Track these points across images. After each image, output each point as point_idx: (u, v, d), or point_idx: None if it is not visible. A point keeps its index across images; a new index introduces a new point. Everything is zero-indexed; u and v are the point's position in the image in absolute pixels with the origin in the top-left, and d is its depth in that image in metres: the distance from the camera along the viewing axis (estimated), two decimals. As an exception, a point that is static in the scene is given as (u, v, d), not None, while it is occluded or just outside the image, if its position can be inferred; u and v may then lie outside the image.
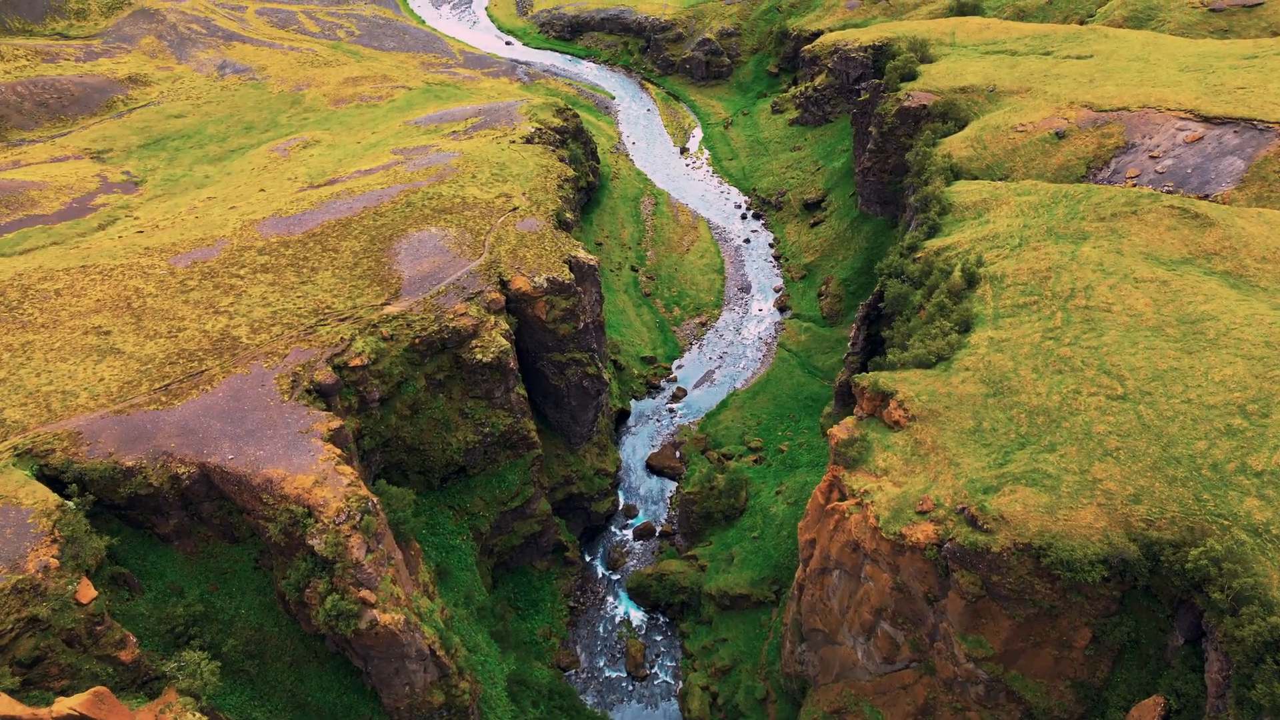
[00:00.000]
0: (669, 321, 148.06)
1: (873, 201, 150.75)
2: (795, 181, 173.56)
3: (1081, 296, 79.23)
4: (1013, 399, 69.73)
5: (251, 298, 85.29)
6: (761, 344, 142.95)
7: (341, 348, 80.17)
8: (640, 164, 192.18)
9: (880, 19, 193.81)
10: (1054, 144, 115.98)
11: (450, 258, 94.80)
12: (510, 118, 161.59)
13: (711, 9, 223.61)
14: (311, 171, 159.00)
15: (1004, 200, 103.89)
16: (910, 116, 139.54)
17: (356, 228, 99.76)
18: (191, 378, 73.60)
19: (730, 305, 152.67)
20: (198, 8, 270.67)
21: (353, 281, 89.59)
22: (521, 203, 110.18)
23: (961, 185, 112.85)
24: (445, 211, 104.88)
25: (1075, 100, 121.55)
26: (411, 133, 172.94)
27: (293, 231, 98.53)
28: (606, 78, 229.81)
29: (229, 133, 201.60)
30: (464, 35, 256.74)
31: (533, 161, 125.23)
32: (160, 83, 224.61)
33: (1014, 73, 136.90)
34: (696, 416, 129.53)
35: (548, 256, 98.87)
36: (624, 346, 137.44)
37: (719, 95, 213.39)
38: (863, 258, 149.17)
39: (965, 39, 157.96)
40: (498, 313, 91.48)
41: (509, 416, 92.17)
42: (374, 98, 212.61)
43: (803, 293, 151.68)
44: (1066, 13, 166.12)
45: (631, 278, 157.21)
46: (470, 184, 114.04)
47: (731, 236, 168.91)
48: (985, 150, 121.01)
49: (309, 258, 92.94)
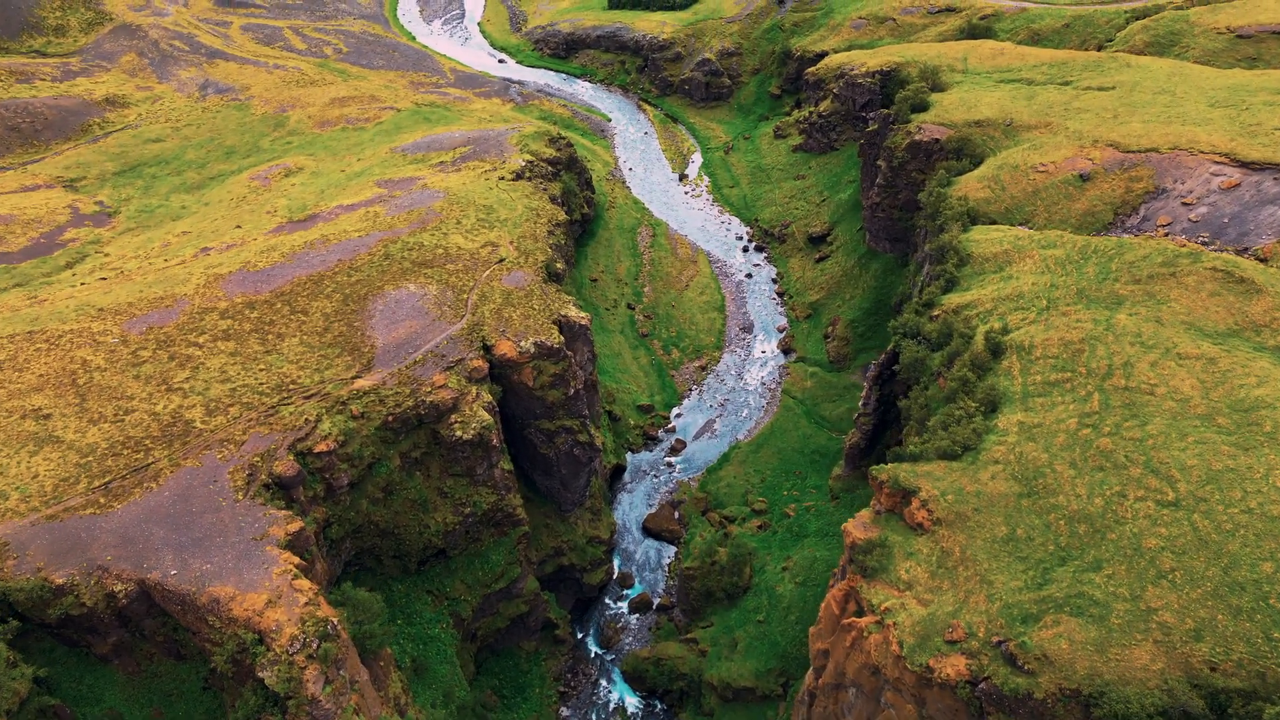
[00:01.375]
0: (667, 365, 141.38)
1: (881, 238, 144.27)
2: (799, 213, 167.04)
3: (1120, 375, 72.56)
4: (1049, 501, 63.00)
5: (209, 371, 78.53)
6: (765, 390, 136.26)
7: (306, 431, 73.40)
8: (638, 192, 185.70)
9: (887, 40, 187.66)
10: (1078, 187, 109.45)
11: (429, 320, 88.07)
12: (500, 148, 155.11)
13: (711, 27, 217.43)
14: (292, 204, 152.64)
15: (1027, 253, 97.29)
16: (922, 151, 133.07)
17: (329, 285, 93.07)
18: (135, 473, 66.80)
19: (732, 347, 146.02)
20: (181, 23, 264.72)
21: (321, 350, 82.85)
22: (509, 253, 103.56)
23: (980, 233, 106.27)
24: (426, 265, 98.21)
25: (1099, 138, 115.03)
26: (397, 161, 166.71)
27: (260, 290, 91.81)
28: (603, 98, 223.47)
29: (209, 158, 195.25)
30: (456, 53, 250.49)
31: (521, 204, 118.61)
32: (139, 104, 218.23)
33: (1032, 105, 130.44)
34: (696, 472, 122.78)
35: (536, 316, 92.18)
36: (619, 394, 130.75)
37: (719, 118, 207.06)
38: (871, 297, 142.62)
39: (978, 65, 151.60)
40: (480, 381, 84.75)
41: (492, 494, 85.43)
42: (361, 120, 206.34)
43: (808, 334, 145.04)
44: (1084, 36, 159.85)
45: (628, 316, 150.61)
46: (454, 231, 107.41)
47: (733, 271, 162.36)
48: (1004, 192, 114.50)
49: (275, 322, 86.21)
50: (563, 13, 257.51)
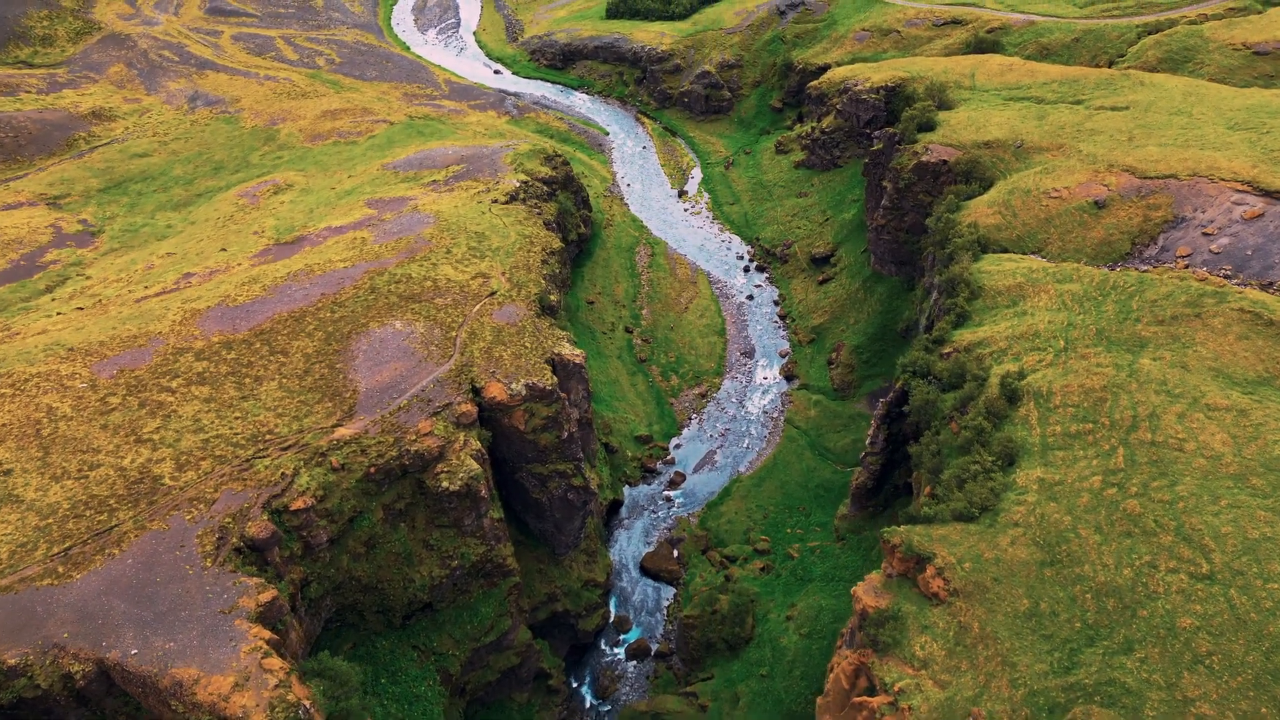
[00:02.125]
0: (666, 392, 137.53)
1: (887, 261, 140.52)
2: (802, 232, 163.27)
3: (1145, 428, 68.74)
4: (1074, 570, 59.13)
5: (182, 420, 74.66)
6: (767, 419, 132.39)
7: (282, 486, 69.53)
8: (636, 209, 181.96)
9: (892, 53, 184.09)
10: (1093, 214, 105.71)
11: (415, 361, 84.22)
12: (494, 168, 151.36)
13: (711, 39, 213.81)
14: (280, 225, 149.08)
15: (1042, 287, 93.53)
16: (929, 173, 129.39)
17: (311, 322, 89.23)
18: (98, 537, 62.90)
19: (732, 373, 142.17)
20: (171, 32, 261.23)
21: (301, 395, 78.98)
22: (500, 285, 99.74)
23: (992, 263, 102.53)
24: (413, 299, 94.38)
25: (1115, 163, 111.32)
26: (389, 179, 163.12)
27: (238, 328, 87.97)
28: (600, 110, 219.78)
29: (196, 174, 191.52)
30: (450, 63, 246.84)
31: (514, 230, 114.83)
32: (126, 117, 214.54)
33: (1043, 126, 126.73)
34: (696, 507, 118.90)
35: (528, 355, 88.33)
36: (616, 425, 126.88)
37: (719, 131, 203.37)
38: (877, 322, 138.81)
39: (986, 82, 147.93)
40: (468, 427, 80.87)
41: (481, 545, 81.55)
42: (353, 133, 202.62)
43: (811, 359, 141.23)
44: (1094, 51, 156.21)
45: (625, 341, 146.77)
46: (444, 261, 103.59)
47: (733, 292, 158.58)
48: (1015, 218, 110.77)
49: (254, 363, 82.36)
50: (560, 22, 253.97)
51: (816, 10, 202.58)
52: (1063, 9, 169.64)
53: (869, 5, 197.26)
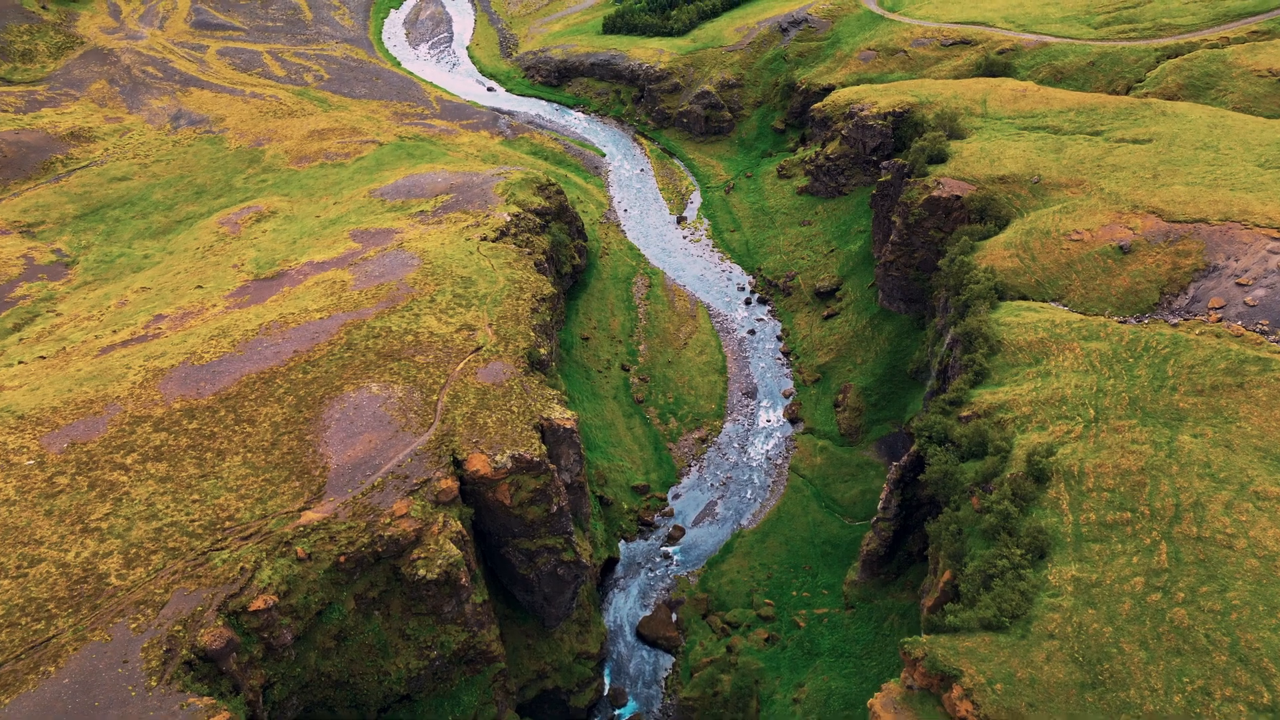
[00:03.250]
0: (664, 437, 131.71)
1: (896, 297, 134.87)
2: (805, 263, 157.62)
3: (1190, 519, 63.01)
4: (1119, 695, 53.31)
5: (134, 504, 68.83)
6: (771, 466, 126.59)
7: (241, 583, 63.72)
8: (633, 236, 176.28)
9: (898, 74, 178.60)
10: (1117, 260, 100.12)
11: (392, 432, 78.42)
12: (484, 198, 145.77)
13: (711, 57, 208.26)
14: (260, 257, 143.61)
15: (1066, 344, 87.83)
16: (940, 208, 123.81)
17: (282, 385, 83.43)
18: (33, 651, 57.06)
19: (734, 415, 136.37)
20: (155, 47, 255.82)
21: (267, 473, 73.16)
22: (487, 338, 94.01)
23: (1010, 313, 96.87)
24: (392, 357, 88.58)
25: (1139, 203, 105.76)
26: (375, 208, 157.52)
27: (203, 392, 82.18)
28: (597, 131, 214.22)
29: (177, 198, 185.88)
30: (442, 80, 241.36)
31: (503, 275, 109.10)
32: (107, 137, 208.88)
33: (1061, 159, 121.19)
34: (696, 565, 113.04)
35: (514, 422, 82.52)
36: (611, 474, 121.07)
37: (719, 154, 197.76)
38: (885, 362, 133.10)
39: (999, 109, 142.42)
40: (448, 504, 75.06)
41: (463, 632, 75.72)
42: (340, 155, 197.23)
43: (817, 401, 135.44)
44: (1111, 76, 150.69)
45: (622, 380, 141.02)
46: (427, 311, 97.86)
47: (734, 326, 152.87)
48: (1034, 262, 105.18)
49: (217, 435, 76.55)
50: (555, 36, 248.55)
51: (820, 28, 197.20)
52: (1076, 30, 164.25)
53: (874, 24, 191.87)
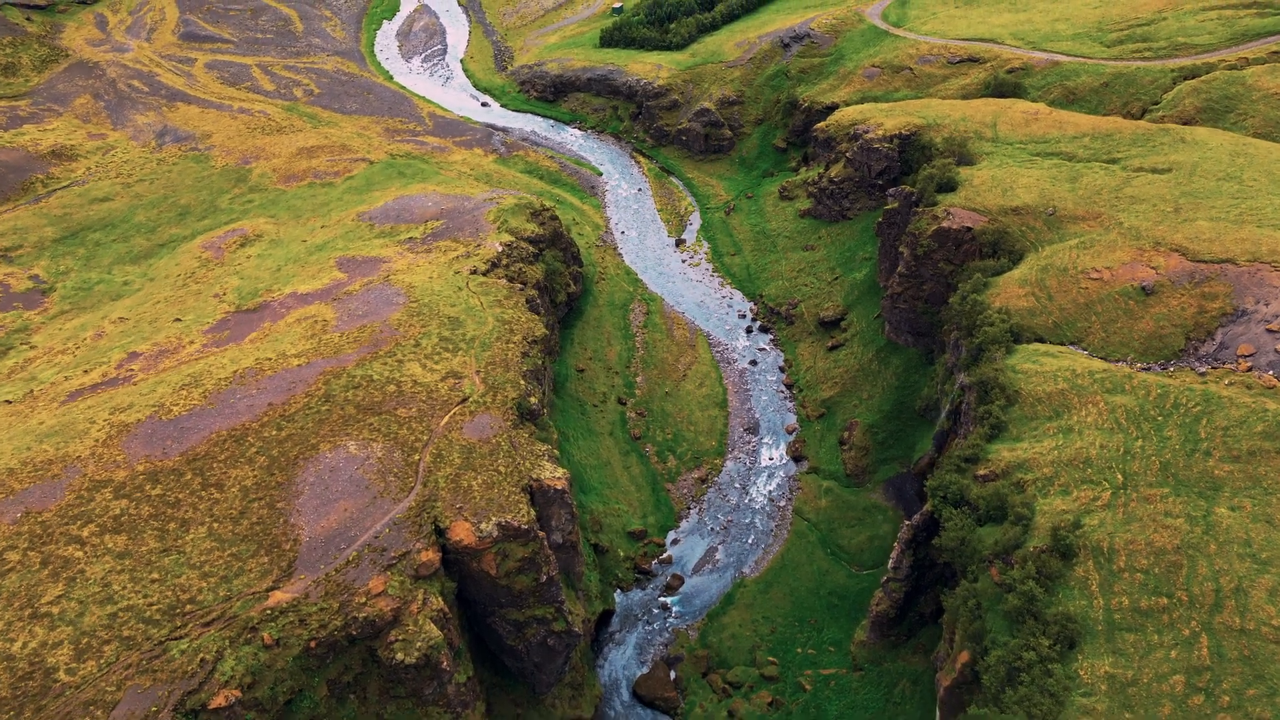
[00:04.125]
0: (662, 476, 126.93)
1: (903, 330, 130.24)
2: (809, 290, 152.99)
3: (1231, 607, 58.28)
4: (1162, 821, 48.59)
5: (88, 585, 64.04)
6: (774, 509, 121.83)
7: (200, 677, 58.91)
8: (630, 259, 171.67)
9: (904, 92, 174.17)
10: (1140, 301, 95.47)
11: (370, 498, 73.64)
12: (476, 226, 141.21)
13: (710, 72, 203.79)
14: (243, 286, 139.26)
15: (1089, 397, 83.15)
16: (950, 240, 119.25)
17: (253, 443, 78.65)
18: (-34, 763, 52.24)
19: (735, 452, 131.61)
20: (142, 60, 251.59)
21: (234, 546, 68.39)
22: (474, 387, 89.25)
23: (1029, 359, 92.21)
24: (373, 410, 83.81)
25: (1161, 240, 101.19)
26: (363, 233, 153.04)
27: (169, 451, 77.42)
28: (593, 148, 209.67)
29: (160, 220, 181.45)
30: (436, 94, 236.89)
31: (492, 315, 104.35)
32: (89, 155, 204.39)
33: (1076, 190, 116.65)
34: (696, 617, 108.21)
35: (501, 484, 77.73)
36: (607, 519, 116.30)
37: (719, 173, 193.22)
38: (892, 398, 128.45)
39: (1009, 133, 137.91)
40: (429, 578, 70.32)
41: (446, 714, 70.86)
42: (330, 174, 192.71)
43: (821, 438, 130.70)
44: (1126, 98, 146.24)
45: (618, 414, 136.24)
46: (411, 356, 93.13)
47: (735, 356, 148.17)
48: (1051, 301, 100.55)
49: (181, 502, 71.77)
50: (551, 50, 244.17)
51: (822, 44, 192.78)
52: (1089, 48, 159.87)
53: (878, 40, 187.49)
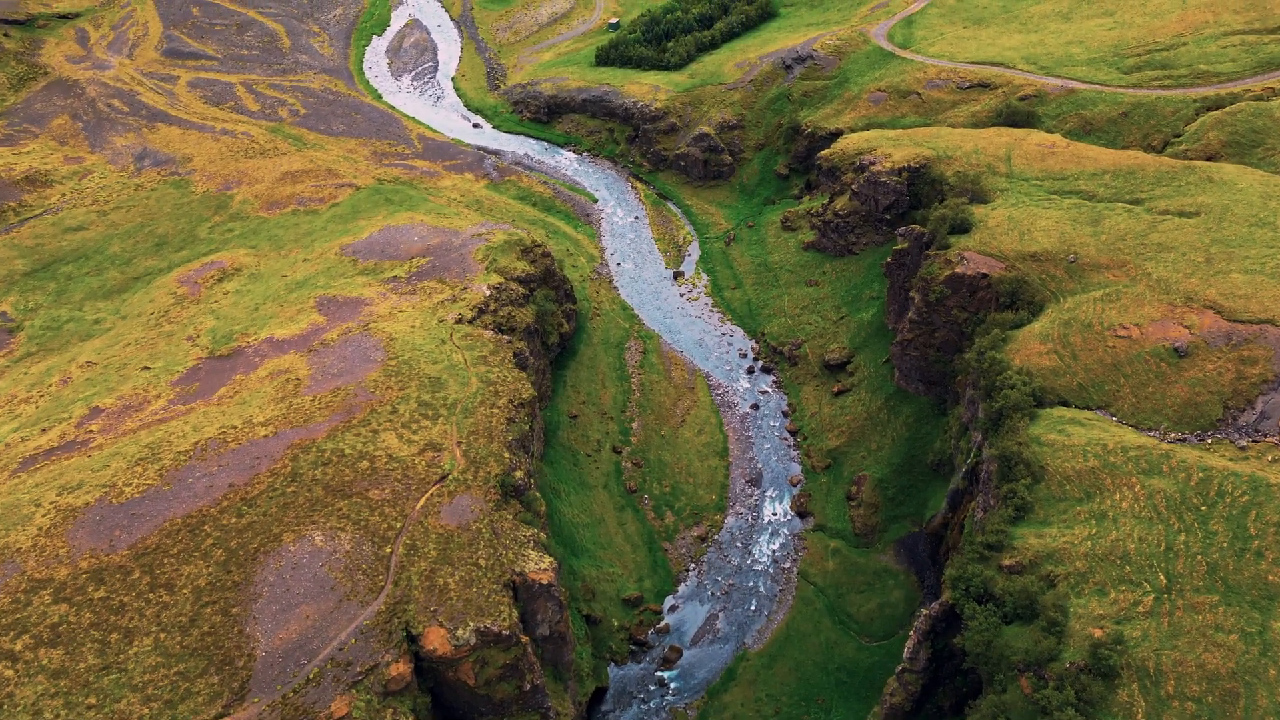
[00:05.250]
0: (660, 534, 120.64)
1: (914, 378, 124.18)
2: (813, 329, 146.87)
3: (1299, 750, 52.05)
4: None
5: (16, 712, 57.61)
6: (778, 571, 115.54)
7: (136, 830, 52.43)
8: (626, 293, 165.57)
9: (911, 118, 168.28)
10: (1172, 364, 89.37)
11: (335, 600, 67.34)
12: (463, 265, 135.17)
13: (710, 94, 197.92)
14: (217, 328, 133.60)
15: (1123, 478, 76.93)
16: (964, 286, 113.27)
17: (210, 533, 72.36)
18: None
19: (736, 506, 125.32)
20: (123, 78, 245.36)
21: (182, 662, 62.06)
22: (454, 462, 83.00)
23: (1054, 428, 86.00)
24: (342, 492, 77.50)
25: (1193, 295, 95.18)
26: (346, 269, 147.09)
27: (117, 544, 71.13)
28: (588, 172, 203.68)
29: (136, 251, 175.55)
30: (426, 114, 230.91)
31: (476, 374, 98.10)
32: (64, 181, 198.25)
33: (1099, 235, 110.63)
34: (695, 695, 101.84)
35: (481, 581, 71.45)
36: (600, 585, 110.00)
37: (719, 200, 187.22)
38: (902, 450, 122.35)
39: (1025, 167, 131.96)
40: (400, 694, 63.97)
41: (419, 842, 64.42)
42: (314, 200, 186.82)
43: (828, 491, 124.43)
44: (1146, 130, 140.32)
45: (613, 464, 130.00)
46: (387, 425, 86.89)
47: (736, 399, 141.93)
48: (1075, 361, 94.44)
49: (127, 607, 65.46)
50: (545, 67, 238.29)
51: (826, 66, 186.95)
52: (1105, 74, 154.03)
53: (884, 62, 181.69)
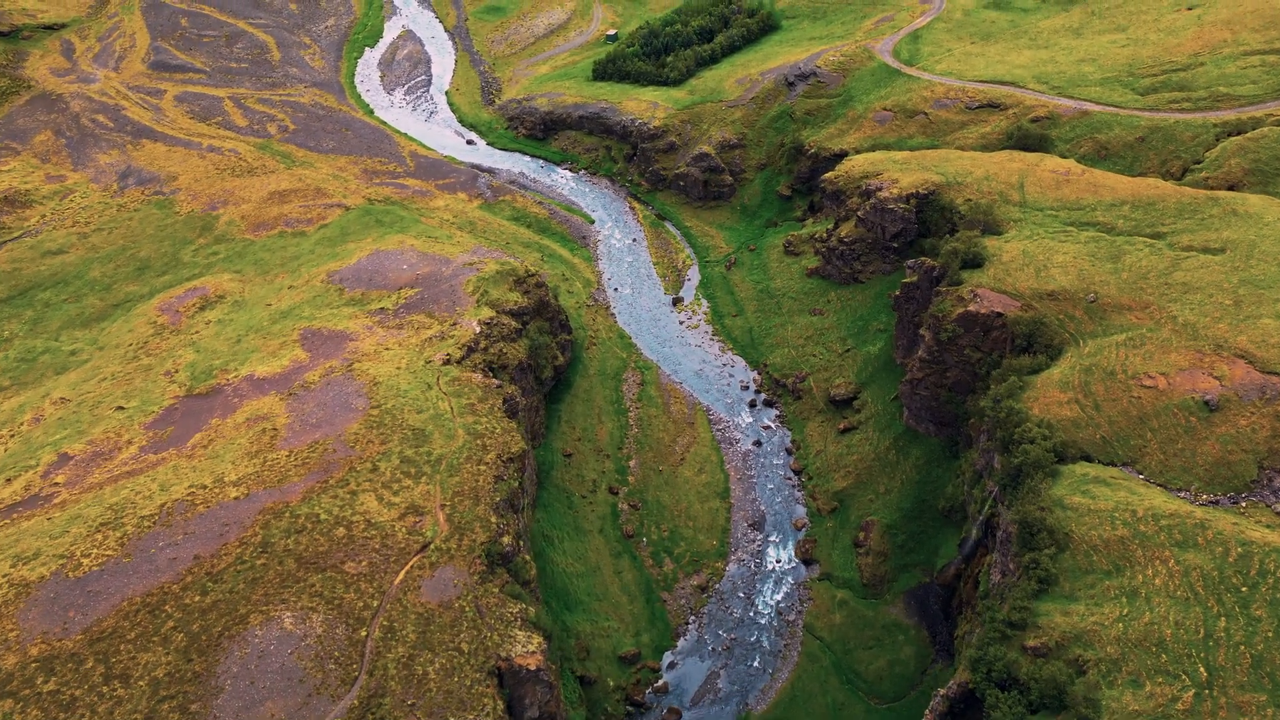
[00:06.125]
0: (657, 583, 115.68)
1: (924, 418, 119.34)
2: (818, 361, 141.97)
3: None
4: None
5: (-53, 834, 52.66)
6: (782, 624, 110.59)
7: None
8: (624, 320, 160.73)
9: (918, 139, 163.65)
10: (1203, 418, 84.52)
11: (303, 695, 62.38)
12: (453, 297, 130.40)
13: (710, 112, 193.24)
14: (196, 363, 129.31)
15: (1155, 550, 72.04)
16: (978, 325, 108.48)
17: (172, 614, 67.48)
18: None
19: (738, 552, 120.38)
20: (109, 92, 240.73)
21: (133, 770, 57.02)
22: (436, 528, 78.11)
23: (1077, 489, 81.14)
24: (315, 565, 72.59)
25: (1223, 343, 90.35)
26: (332, 298, 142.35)
27: (70, 627, 66.25)
28: (585, 192, 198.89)
29: (117, 276, 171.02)
30: (418, 130, 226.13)
31: (463, 425, 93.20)
32: (45, 201, 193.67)
33: (1120, 273, 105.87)
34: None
35: (464, 669, 66.51)
36: (595, 641, 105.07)
37: (719, 221, 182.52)
38: (912, 495, 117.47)
39: (1039, 196, 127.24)
40: (375, 800, 58.87)
41: None
42: (302, 221, 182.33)
43: (834, 537, 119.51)
44: (1164, 155, 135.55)
45: (609, 506, 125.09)
46: (367, 485, 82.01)
47: (737, 436, 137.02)
48: (1098, 412, 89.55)
49: (77, 702, 60.54)
50: (541, 81, 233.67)
51: (830, 83, 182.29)
52: (1120, 95, 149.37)
53: (890, 80, 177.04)
